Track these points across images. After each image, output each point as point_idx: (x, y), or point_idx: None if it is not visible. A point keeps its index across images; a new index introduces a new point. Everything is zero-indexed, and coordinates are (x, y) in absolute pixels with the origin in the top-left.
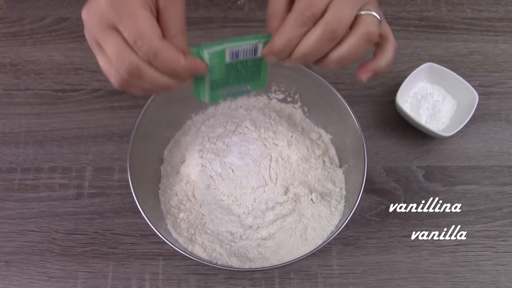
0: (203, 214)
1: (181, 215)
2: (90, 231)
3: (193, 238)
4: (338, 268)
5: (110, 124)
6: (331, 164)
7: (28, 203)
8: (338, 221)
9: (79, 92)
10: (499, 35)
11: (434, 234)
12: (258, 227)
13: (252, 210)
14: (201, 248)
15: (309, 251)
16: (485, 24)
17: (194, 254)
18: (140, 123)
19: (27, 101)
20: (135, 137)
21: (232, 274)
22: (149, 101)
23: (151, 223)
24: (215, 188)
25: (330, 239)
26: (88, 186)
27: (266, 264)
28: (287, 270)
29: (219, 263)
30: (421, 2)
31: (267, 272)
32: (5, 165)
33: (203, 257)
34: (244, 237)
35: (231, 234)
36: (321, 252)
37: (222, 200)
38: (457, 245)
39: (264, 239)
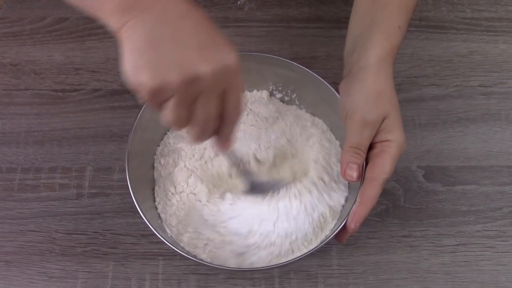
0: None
1: (175, 221)
2: (90, 231)
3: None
4: (338, 268)
5: (110, 124)
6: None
7: (28, 203)
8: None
9: (79, 92)
10: (499, 35)
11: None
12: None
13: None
14: None
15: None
16: (485, 24)
17: (194, 254)
18: (139, 123)
19: (27, 101)
20: (133, 137)
21: (232, 274)
22: (144, 108)
23: (150, 224)
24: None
25: (329, 238)
26: (88, 186)
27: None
28: (287, 270)
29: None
30: (421, 2)
31: (267, 272)
32: (5, 165)
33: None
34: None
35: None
36: (321, 252)
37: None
38: (457, 245)
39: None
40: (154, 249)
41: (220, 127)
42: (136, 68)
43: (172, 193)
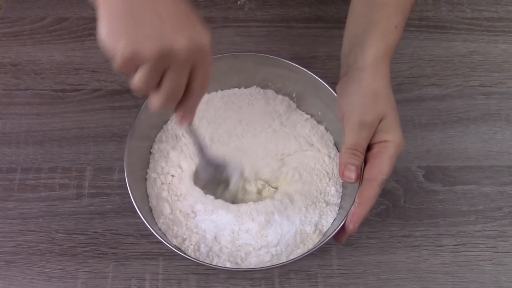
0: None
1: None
2: (90, 231)
3: None
4: (338, 268)
5: (110, 124)
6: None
7: (28, 203)
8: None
9: (79, 92)
10: (499, 35)
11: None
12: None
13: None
14: None
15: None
16: (485, 24)
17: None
18: (137, 123)
19: (27, 101)
20: (131, 138)
21: (232, 274)
22: (146, 102)
23: (148, 224)
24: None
25: (329, 238)
26: (88, 186)
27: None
28: (287, 270)
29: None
30: (421, 2)
31: (267, 272)
32: (5, 165)
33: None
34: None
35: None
36: (321, 252)
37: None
38: (457, 245)
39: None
40: (154, 249)
41: (183, 100)
42: (113, 33)
43: (158, 174)
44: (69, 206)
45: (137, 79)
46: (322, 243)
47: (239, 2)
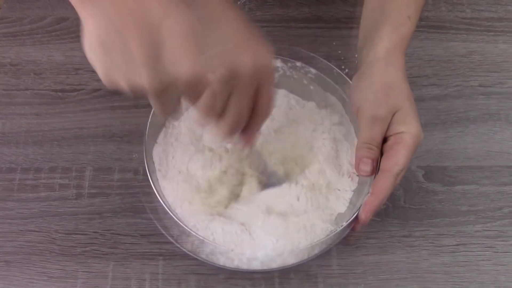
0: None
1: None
2: (90, 231)
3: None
4: (338, 268)
5: (110, 124)
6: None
7: (28, 203)
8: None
9: (79, 92)
10: (499, 35)
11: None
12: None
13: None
14: None
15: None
16: (485, 24)
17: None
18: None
19: (27, 101)
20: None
21: (232, 274)
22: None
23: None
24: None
25: (333, 245)
26: (88, 186)
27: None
28: (287, 270)
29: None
30: None
31: (267, 272)
32: (5, 165)
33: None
34: None
35: None
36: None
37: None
38: (457, 245)
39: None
40: (154, 249)
41: (248, 123)
42: (181, 56)
43: (173, 157)
44: (69, 206)
45: (204, 103)
46: (327, 249)
47: (239, 2)
